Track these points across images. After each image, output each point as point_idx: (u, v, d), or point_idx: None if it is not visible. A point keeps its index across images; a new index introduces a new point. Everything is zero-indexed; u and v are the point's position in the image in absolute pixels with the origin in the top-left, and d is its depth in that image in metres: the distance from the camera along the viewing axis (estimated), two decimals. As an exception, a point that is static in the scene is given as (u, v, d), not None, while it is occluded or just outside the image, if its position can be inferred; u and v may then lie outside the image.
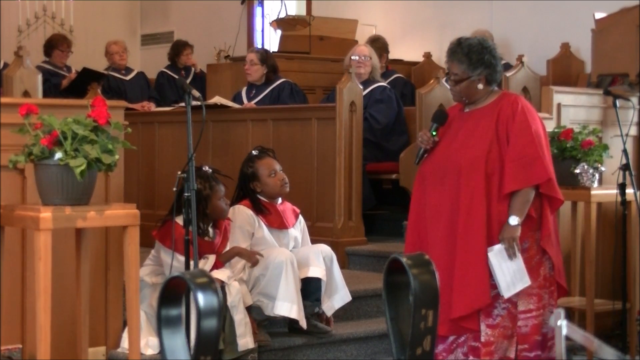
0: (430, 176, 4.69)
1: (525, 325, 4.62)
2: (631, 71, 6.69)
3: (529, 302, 4.62)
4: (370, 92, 7.25)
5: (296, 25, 9.26)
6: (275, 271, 5.00)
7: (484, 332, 4.58)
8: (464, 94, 4.67)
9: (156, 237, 4.95)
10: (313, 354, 5.28)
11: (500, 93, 4.74)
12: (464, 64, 4.61)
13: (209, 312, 2.84)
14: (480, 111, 4.68)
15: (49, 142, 4.05)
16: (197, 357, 2.85)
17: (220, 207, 5.01)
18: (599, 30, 6.98)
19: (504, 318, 4.59)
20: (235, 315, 4.82)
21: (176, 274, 2.97)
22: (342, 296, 5.27)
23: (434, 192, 4.66)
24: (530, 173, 4.53)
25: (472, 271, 4.51)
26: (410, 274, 3.02)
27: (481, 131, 4.61)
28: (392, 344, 3.12)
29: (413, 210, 4.77)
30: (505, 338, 4.59)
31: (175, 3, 11.65)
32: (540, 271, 4.66)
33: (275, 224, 5.26)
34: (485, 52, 4.63)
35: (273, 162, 5.30)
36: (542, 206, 4.63)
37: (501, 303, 4.58)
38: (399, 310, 3.14)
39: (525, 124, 4.57)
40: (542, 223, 4.63)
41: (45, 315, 4.07)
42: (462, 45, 4.65)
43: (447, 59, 4.70)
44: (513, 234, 4.50)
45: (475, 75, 4.61)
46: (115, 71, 9.24)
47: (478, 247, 4.51)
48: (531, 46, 8.48)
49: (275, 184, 5.26)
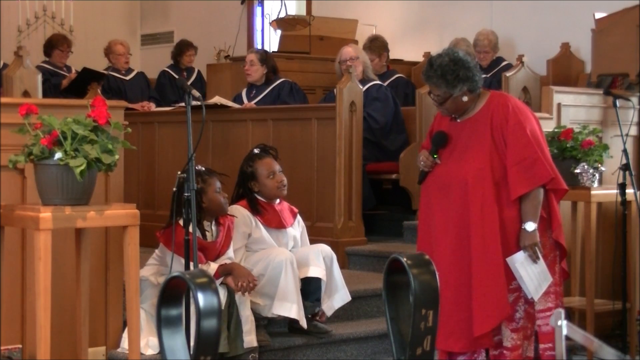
0: (435, 192, 4.66)
1: (545, 324, 4.64)
2: (631, 71, 6.69)
3: (547, 301, 4.65)
4: (366, 91, 7.24)
5: (296, 25, 9.26)
6: (274, 271, 5.00)
7: (509, 337, 4.58)
8: (452, 111, 4.64)
9: (160, 239, 4.94)
10: (313, 354, 5.28)
11: (489, 95, 4.69)
12: (442, 86, 4.55)
13: (209, 312, 2.84)
14: (474, 119, 4.65)
15: (49, 142, 4.05)
16: (197, 357, 2.85)
17: (217, 199, 4.97)
18: (599, 30, 6.98)
19: (524, 319, 4.62)
20: (243, 312, 4.82)
21: (176, 274, 2.97)
22: (341, 296, 5.27)
23: (439, 207, 4.62)
24: (533, 175, 4.52)
25: (492, 284, 4.48)
26: (410, 274, 3.02)
27: (478, 139, 4.59)
28: (392, 344, 3.12)
29: (422, 220, 4.76)
30: (526, 339, 4.62)
31: (175, 3, 11.66)
32: (556, 268, 4.71)
33: (273, 223, 5.25)
34: (459, 68, 4.53)
35: (273, 163, 5.28)
36: (549, 200, 4.64)
37: (520, 305, 4.60)
38: (399, 310, 3.14)
39: (519, 126, 4.55)
40: (552, 216, 4.65)
41: (45, 315, 4.06)
42: (434, 67, 4.55)
43: (425, 82, 4.66)
44: (534, 239, 4.53)
45: (457, 92, 4.55)
46: (115, 71, 9.23)
47: (496, 259, 4.50)
48: (531, 46, 8.48)
49: (272, 186, 5.24)
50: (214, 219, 5.03)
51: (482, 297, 4.48)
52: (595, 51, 7.02)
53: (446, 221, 4.59)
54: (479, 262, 4.50)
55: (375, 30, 9.49)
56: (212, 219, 5.02)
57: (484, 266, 4.49)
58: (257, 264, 5.07)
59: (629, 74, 6.73)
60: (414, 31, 9.66)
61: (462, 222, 4.54)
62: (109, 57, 9.32)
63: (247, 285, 4.79)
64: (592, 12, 7.34)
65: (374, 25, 9.64)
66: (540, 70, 8.00)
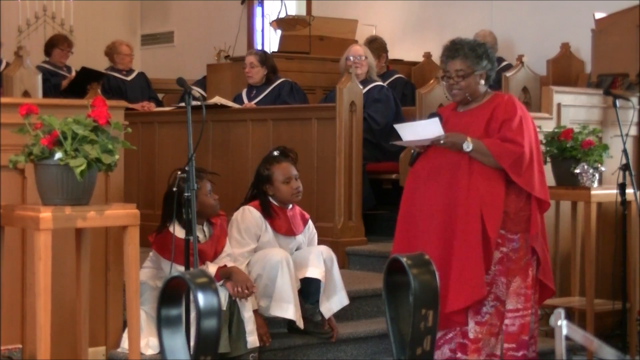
0: (423, 173, 4.73)
1: (512, 324, 4.68)
2: (631, 71, 6.69)
3: (517, 302, 4.68)
4: (368, 92, 7.24)
5: (296, 25, 9.26)
6: (271, 271, 4.98)
7: (472, 329, 4.64)
8: (468, 91, 4.72)
9: (153, 246, 4.93)
10: (313, 354, 5.28)
11: (493, 93, 4.83)
12: (470, 58, 4.68)
13: (209, 312, 2.84)
14: (475, 110, 4.76)
15: (49, 142, 4.05)
16: (197, 357, 2.85)
17: (207, 202, 4.95)
18: (599, 30, 6.98)
19: (492, 316, 4.65)
20: (245, 312, 4.81)
21: (176, 274, 2.98)
22: (340, 299, 5.23)
23: (427, 188, 4.70)
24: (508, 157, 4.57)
25: (470, 263, 4.55)
26: (410, 274, 3.02)
27: (475, 127, 4.68)
28: (392, 344, 3.12)
29: (403, 207, 4.81)
30: (492, 335, 4.65)
31: (175, 3, 11.66)
32: (530, 271, 4.72)
33: (282, 229, 5.21)
34: (487, 48, 4.75)
35: (290, 168, 5.21)
36: (532, 206, 4.68)
37: (490, 301, 4.65)
38: (399, 310, 3.14)
39: (519, 130, 4.62)
40: (531, 223, 4.68)
41: (45, 315, 4.06)
42: (463, 42, 4.75)
43: (447, 57, 4.75)
44: (456, 140, 4.59)
45: (480, 69, 4.69)
46: (116, 71, 9.23)
47: (475, 239, 4.55)
48: (531, 46, 8.48)
49: (287, 191, 5.18)
50: (205, 220, 5.02)
51: (458, 274, 4.55)
52: (595, 51, 7.02)
53: (433, 204, 4.65)
54: (460, 241, 4.56)
55: (375, 30, 9.49)
56: (203, 221, 5.01)
57: (464, 245, 4.55)
58: (255, 264, 5.06)
59: (629, 74, 6.72)
60: (414, 31, 9.66)
61: (448, 206, 4.61)
62: (112, 57, 9.29)
63: (243, 291, 4.77)
64: (592, 12, 7.34)
65: (374, 25, 9.64)
66: (540, 71, 8.00)
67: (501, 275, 4.65)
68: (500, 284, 4.66)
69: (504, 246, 4.65)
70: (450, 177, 4.62)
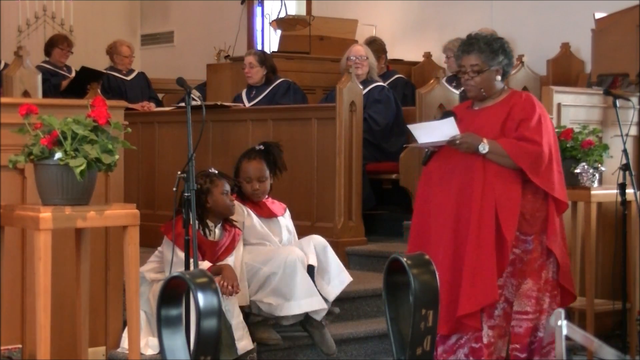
0: (437, 173, 4.66)
1: (519, 326, 4.61)
2: (631, 71, 6.69)
3: (526, 304, 4.61)
4: (369, 92, 7.24)
5: (296, 25, 9.26)
6: (288, 270, 4.97)
7: (486, 333, 4.56)
8: (484, 86, 4.63)
9: (162, 229, 4.94)
10: (313, 354, 5.27)
11: (510, 92, 4.73)
12: (485, 53, 4.59)
13: (209, 312, 2.84)
14: (491, 108, 4.67)
15: (49, 142, 4.05)
16: (197, 357, 2.85)
17: (222, 201, 4.97)
18: (599, 30, 6.97)
19: (501, 318, 4.59)
20: (232, 320, 4.79)
21: (176, 274, 2.97)
22: (340, 280, 5.21)
23: (440, 189, 4.62)
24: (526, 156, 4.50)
25: (483, 266, 4.47)
26: (410, 274, 3.02)
27: (490, 129, 4.59)
28: (392, 344, 3.12)
29: (417, 209, 4.75)
30: (500, 337, 4.60)
31: (175, 3, 11.66)
32: (543, 274, 4.64)
33: (264, 214, 5.28)
34: (504, 43, 4.66)
35: (252, 170, 5.26)
36: (549, 207, 4.61)
37: (500, 303, 4.58)
38: (399, 310, 3.14)
39: (537, 130, 4.55)
40: (548, 224, 4.61)
41: (45, 315, 4.06)
42: (478, 36, 4.65)
43: (462, 51, 4.66)
44: (472, 141, 4.51)
45: (496, 64, 4.61)
46: (116, 71, 9.23)
47: (489, 241, 4.47)
48: (531, 46, 8.48)
49: (247, 188, 5.26)
50: (220, 221, 5.02)
51: (471, 277, 4.47)
52: (595, 51, 7.01)
53: (445, 203, 4.58)
54: (473, 243, 4.49)
55: (375, 30, 9.49)
56: (217, 220, 5.01)
57: (477, 248, 4.47)
58: (267, 262, 5.03)
59: (629, 74, 6.72)
60: (414, 31, 9.66)
61: (461, 209, 4.53)
62: (112, 57, 9.29)
63: (227, 287, 4.75)
64: (592, 12, 7.34)
65: (374, 25, 9.64)
66: (540, 70, 8.00)
67: (512, 277, 4.59)
68: (510, 286, 4.60)
69: (516, 247, 4.57)
70: (464, 179, 4.54)
